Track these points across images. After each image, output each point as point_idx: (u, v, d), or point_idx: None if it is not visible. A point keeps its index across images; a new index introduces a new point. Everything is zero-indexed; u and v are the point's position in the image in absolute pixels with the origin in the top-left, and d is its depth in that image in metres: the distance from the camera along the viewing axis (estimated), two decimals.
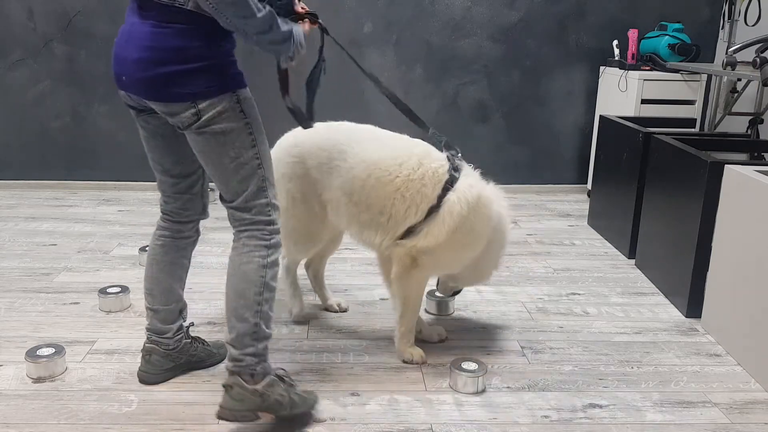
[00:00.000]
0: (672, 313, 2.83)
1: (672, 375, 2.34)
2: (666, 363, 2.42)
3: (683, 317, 2.79)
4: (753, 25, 3.90)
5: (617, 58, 4.33)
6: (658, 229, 3.11)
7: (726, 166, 2.55)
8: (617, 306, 2.89)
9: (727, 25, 4.23)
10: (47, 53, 4.30)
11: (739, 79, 3.84)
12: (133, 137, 4.47)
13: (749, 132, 3.79)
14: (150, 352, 2.18)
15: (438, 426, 2.01)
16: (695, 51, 4.18)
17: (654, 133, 3.23)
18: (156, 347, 2.18)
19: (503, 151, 4.66)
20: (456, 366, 2.21)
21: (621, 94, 4.19)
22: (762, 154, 3.43)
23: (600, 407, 2.13)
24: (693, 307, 2.75)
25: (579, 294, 3.01)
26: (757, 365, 2.31)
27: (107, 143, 4.47)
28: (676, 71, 4.08)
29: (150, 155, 2.07)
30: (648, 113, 4.02)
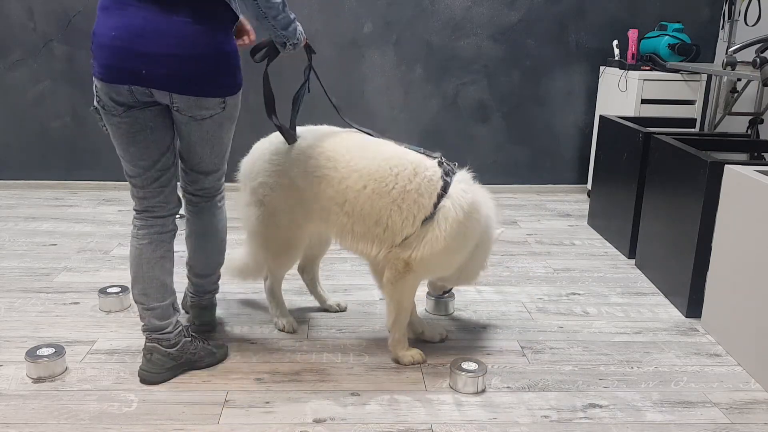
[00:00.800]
0: (672, 313, 2.83)
1: (672, 375, 2.34)
2: (666, 363, 2.42)
3: (683, 317, 2.79)
4: (753, 25, 3.90)
5: (617, 58, 4.33)
6: (658, 229, 3.11)
7: (726, 166, 2.55)
8: (617, 306, 2.89)
9: (727, 25, 4.22)
10: (47, 53, 4.30)
11: (739, 79, 3.84)
12: None
13: (749, 132, 3.79)
14: (151, 351, 2.18)
15: (438, 426, 2.01)
16: (695, 51, 4.18)
17: (654, 133, 3.23)
18: (157, 345, 2.18)
19: (503, 151, 4.66)
20: (456, 366, 2.21)
21: (621, 94, 4.19)
22: (762, 154, 3.43)
23: (600, 407, 2.13)
24: (693, 307, 2.75)
25: (579, 294, 3.01)
26: (757, 365, 2.31)
27: (107, 143, 4.38)
28: (676, 71, 4.08)
29: (132, 151, 2.09)
30: (648, 113, 4.02)
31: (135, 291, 2.18)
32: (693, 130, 3.96)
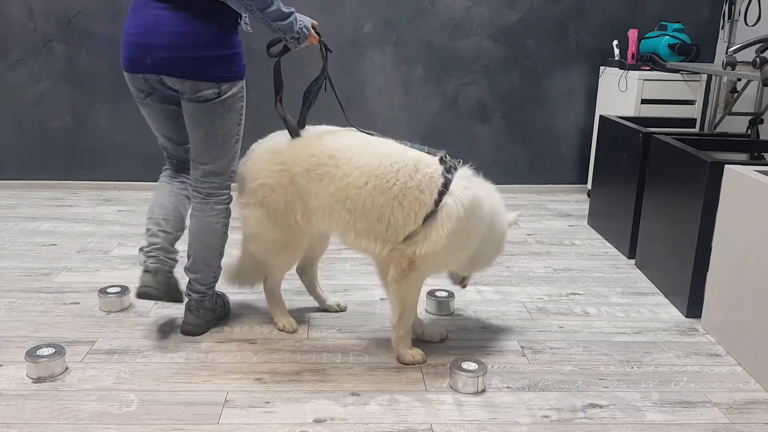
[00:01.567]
0: (672, 313, 2.83)
1: (672, 375, 2.34)
2: (666, 363, 2.42)
3: (683, 317, 2.79)
4: (753, 25, 3.90)
5: (617, 58, 4.33)
6: (658, 229, 3.11)
7: (726, 166, 2.55)
8: (617, 306, 2.89)
9: (727, 25, 4.23)
10: (47, 53, 4.30)
11: (739, 79, 3.84)
12: (133, 137, 4.53)
13: (749, 132, 3.79)
14: (157, 271, 2.34)
15: (438, 426, 2.01)
16: (695, 51, 4.18)
17: (654, 133, 3.23)
18: (162, 267, 2.34)
19: (503, 151, 4.66)
20: (456, 366, 2.21)
21: (621, 94, 4.19)
22: (762, 154, 3.43)
23: (600, 407, 2.13)
24: (693, 307, 2.75)
25: (579, 294, 3.01)
26: (757, 365, 2.31)
27: (107, 143, 4.47)
28: (676, 71, 4.08)
29: (162, 132, 2.48)
30: (648, 113, 4.02)
31: (153, 217, 2.43)
32: (693, 130, 3.96)
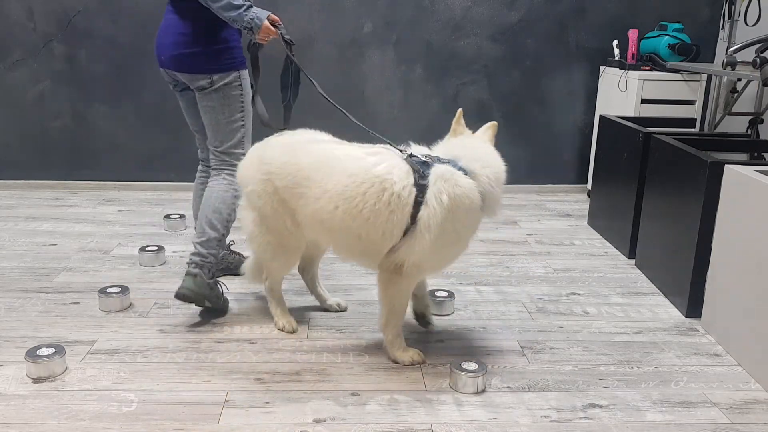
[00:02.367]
0: (672, 313, 2.83)
1: (672, 375, 2.34)
2: (666, 363, 2.42)
3: (683, 317, 2.79)
4: (753, 25, 3.90)
5: (617, 58, 4.33)
6: (658, 229, 3.11)
7: (726, 166, 2.55)
8: (617, 306, 2.89)
9: (727, 25, 4.23)
10: (47, 53, 4.30)
11: (739, 79, 3.84)
12: (133, 137, 4.53)
13: (749, 132, 3.79)
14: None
15: (438, 426, 2.01)
16: (695, 51, 4.18)
17: (654, 133, 3.23)
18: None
19: (503, 151, 4.60)
20: (456, 366, 2.21)
21: (621, 94, 4.19)
22: (762, 154, 3.43)
23: (600, 407, 2.13)
24: (693, 307, 2.75)
25: (579, 294, 3.01)
26: (757, 365, 2.31)
27: (107, 143, 4.47)
28: (676, 71, 4.08)
29: (188, 120, 2.86)
30: (648, 113, 4.02)
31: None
32: (693, 130, 3.96)
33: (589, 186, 4.41)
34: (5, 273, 3.07)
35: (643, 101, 4.06)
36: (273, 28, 2.48)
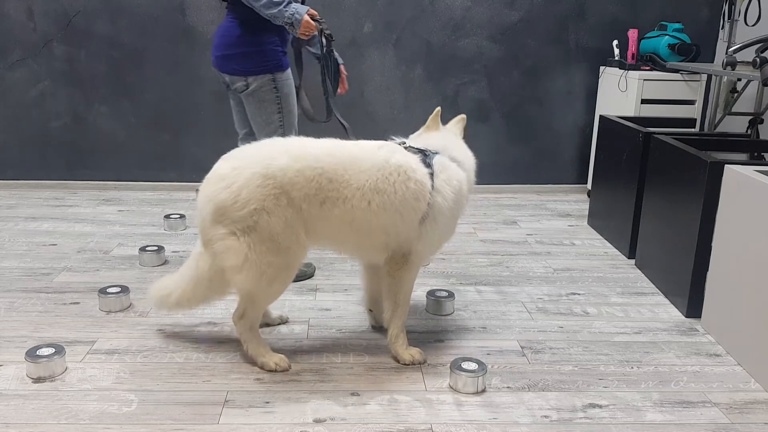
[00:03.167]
0: (672, 313, 2.83)
1: (672, 375, 2.34)
2: (666, 363, 2.42)
3: (683, 317, 2.79)
4: (753, 25, 3.90)
5: (617, 58, 4.33)
6: (658, 229, 3.11)
7: (726, 166, 2.55)
8: (617, 306, 2.89)
9: (727, 25, 4.22)
10: (47, 53, 4.30)
11: (739, 79, 3.84)
12: (133, 137, 4.53)
13: (749, 132, 3.79)
14: None
15: (438, 426, 2.01)
16: (695, 51, 4.18)
17: (654, 133, 3.23)
18: None
19: (503, 151, 4.66)
20: (456, 366, 2.21)
21: (621, 94, 4.19)
22: (762, 154, 3.43)
23: (600, 407, 2.13)
24: (693, 307, 2.75)
25: (579, 294, 3.01)
26: (757, 365, 2.31)
27: (107, 143, 4.47)
28: (676, 71, 4.08)
29: (234, 119, 3.01)
30: (648, 113, 4.02)
31: None
32: (693, 130, 3.96)
33: (589, 186, 4.41)
34: (5, 273, 3.07)
35: (643, 101, 4.06)
36: (313, 22, 2.56)
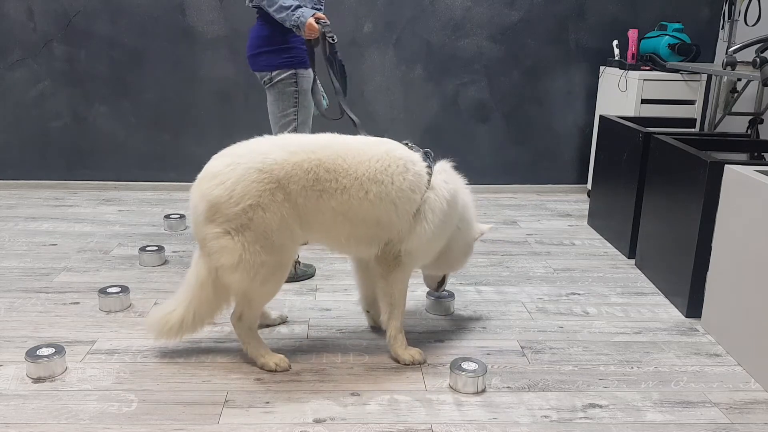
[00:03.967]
0: (672, 313, 2.83)
1: (672, 375, 2.34)
2: (666, 363, 2.42)
3: (683, 317, 2.79)
4: (753, 25, 3.90)
5: (617, 58, 4.33)
6: (658, 229, 3.11)
7: (726, 166, 2.55)
8: (617, 306, 2.89)
9: (727, 25, 4.22)
10: (47, 53, 4.30)
11: (739, 79, 3.84)
12: (133, 137, 4.53)
13: (749, 132, 3.79)
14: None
15: (438, 426, 2.01)
16: (695, 51, 4.18)
17: (654, 133, 3.23)
18: None
19: (503, 151, 4.65)
20: (456, 366, 2.21)
21: (621, 94, 4.19)
22: (762, 154, 3.43)
23: (600, 407, 2.13)
24: (693, 307, 2.75)
25: (579, 294, 3.01)
26: (757, 365, 2.31)
27: (107, 143, 4.47)
28: (676, 71, 4.08)
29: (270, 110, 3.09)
30: (648, 113, 4.02)
31: None
32: (693, 130, 3.96)
33: (589, 186, 4.41)
34: (5, 273, 3.07)
35: (643, 101, 4.06)
36: (316, 26, 2.69)
